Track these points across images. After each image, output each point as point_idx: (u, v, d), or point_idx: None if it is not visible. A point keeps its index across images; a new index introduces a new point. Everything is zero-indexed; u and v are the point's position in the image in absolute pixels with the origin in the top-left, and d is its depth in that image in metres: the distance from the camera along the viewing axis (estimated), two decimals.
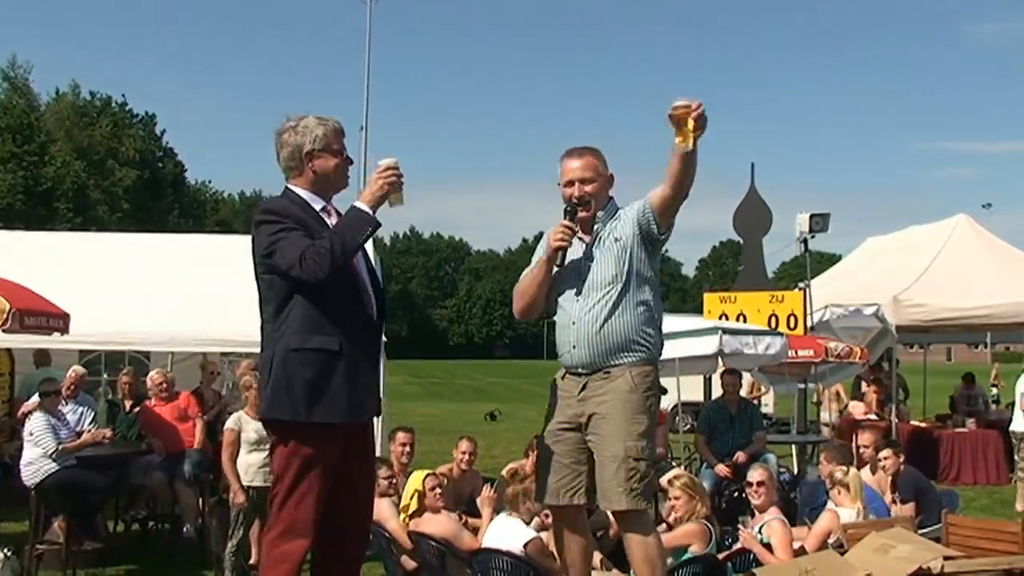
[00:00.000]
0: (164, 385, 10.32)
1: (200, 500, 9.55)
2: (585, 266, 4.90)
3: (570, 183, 4.91)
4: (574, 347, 4.85)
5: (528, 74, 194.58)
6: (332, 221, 4.56)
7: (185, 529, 9.48)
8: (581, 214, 4.89)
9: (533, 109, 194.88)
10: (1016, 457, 13.23)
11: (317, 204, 4.59)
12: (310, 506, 4.44)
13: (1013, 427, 13.31)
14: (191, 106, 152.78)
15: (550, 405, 5.05)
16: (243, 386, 8.23)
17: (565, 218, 4.84)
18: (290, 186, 4.65)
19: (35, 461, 8.63)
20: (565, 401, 4.92)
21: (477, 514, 7.55)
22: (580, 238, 4.94)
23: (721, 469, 10.07)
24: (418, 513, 6.92)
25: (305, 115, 4.65)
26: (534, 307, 5.04)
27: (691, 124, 4.45)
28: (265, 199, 4.63)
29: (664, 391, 9.77)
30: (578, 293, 4.88)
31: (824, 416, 16.71)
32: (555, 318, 5.01)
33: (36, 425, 8.79)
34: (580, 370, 4.87)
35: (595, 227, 4.96)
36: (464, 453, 8.65)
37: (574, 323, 4.85)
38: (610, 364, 4.82)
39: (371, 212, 4.40)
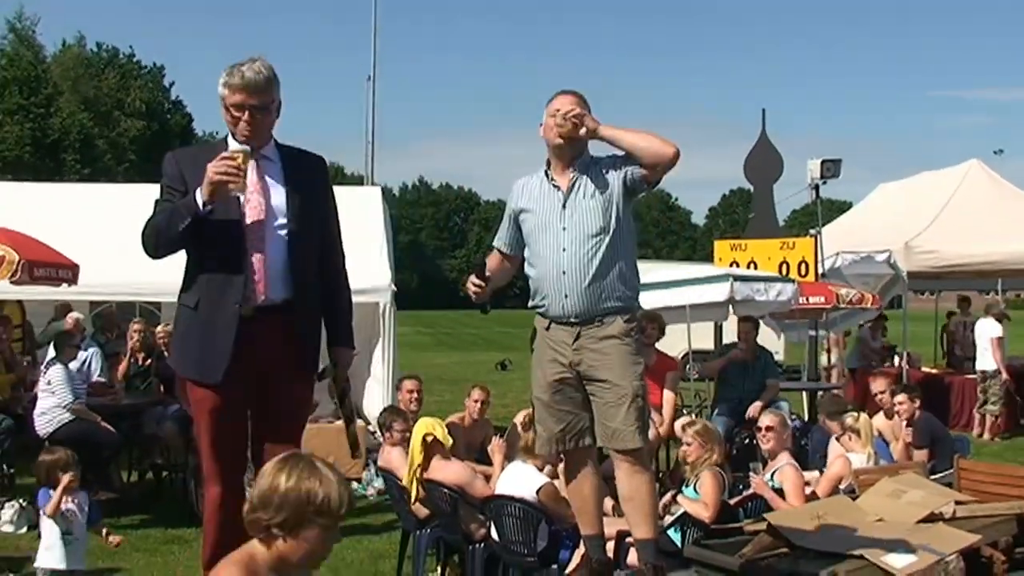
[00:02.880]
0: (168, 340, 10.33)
1: None
2: (567, 216, 4.87)
3: (555, 113, 4.84)
4: (566, 296, 4.83)
5: (538, 22, 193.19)
6: (249, 169, 4.42)
7: None
8: (557, 141, 4.88)
9: (543, 58, 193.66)
10: (979, 394, 14.62)
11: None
12: (208, 453, 4.59)
13: (979, 366, 14.76)
14: (199, 57, 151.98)
15: (537, 358, 5.06)
16: None
17: (474, 273, 5.06)
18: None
19: (49, 411, 8.68)
20: (557, 351, 4.92)
21: (488, 463, 7.57)
22: (556, 186, 4.93)
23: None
24: (423, 466, 6.88)
25: (241, 62, 4.48)
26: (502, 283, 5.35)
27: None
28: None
29: (662, 334, 9.79)
30: (564, 243, 4.85)
31: (824, 361, 16.73)
32: (533, 265, 5.01)
33: (55, 375, 8.82)
34: (572, 319, 4.87)
35: (571, 176, 4.91)
36: (476, 401, 8.65)
37: (564, 272, 4.83)
38: (602, 312, 4.84)
39: (200, 204, 4.32)
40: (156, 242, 4.47)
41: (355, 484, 10.45)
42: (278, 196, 4.54)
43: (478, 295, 5.00)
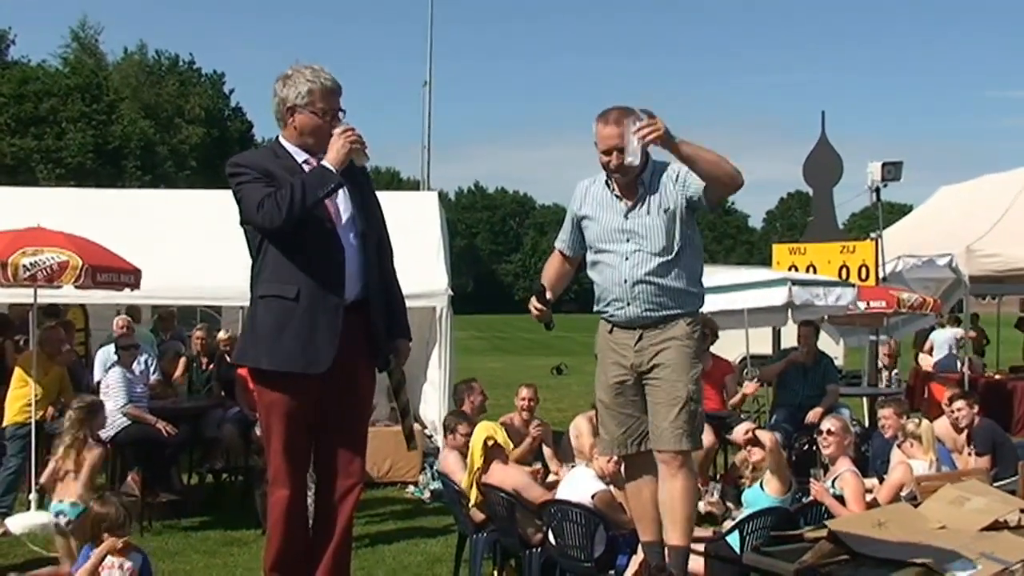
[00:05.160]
0: (230, 345, 10.57)
1: None
2: (630, 227, 4.93)
3: (608, 151, 4.86)
4: (628, 305, 4.91)
5: (592, 23, 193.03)
6: (310, 172, 4.60)
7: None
8: (618, 177, 4.94)
9: (597, 60, 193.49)
10: None
11: (300, 156, 4.65)
12: (279, 455, 4.60)
13: None
14: (257, 65, 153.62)
15: (600, 361, 5.12)
16: None
17: (535, 298, 5.05)
18: (280, 137, 4.75)
19: (110, 415, 8.79)
20: (620, 353, 4.99)
21: (542, 462, 7.58)
22: (618, 196, 4.99)
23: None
24: (483, 470, 6.88)
25: (307, 66, 4.64)
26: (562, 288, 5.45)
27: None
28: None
29: (716, 337, 9.70)
30: (627, 253, 4.92)
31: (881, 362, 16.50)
32: (596, 272, 5.08)
33: (112, 379, 8.96)
34: (635, 326, 4.94)
35: (639, 190, 4.96)
36: (524, 399, 8.66)
37: (626, 281, 4.90)
38: (665, 318, 4.91)
39: (334, 171, 4.46)
40: (291, 208, 4.38)
41: (411, 487, 10.49)
42: (344, 199, 4.66)
43: (540, 317, 5.06)
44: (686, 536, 4.91)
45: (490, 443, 6.84)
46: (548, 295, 5.11)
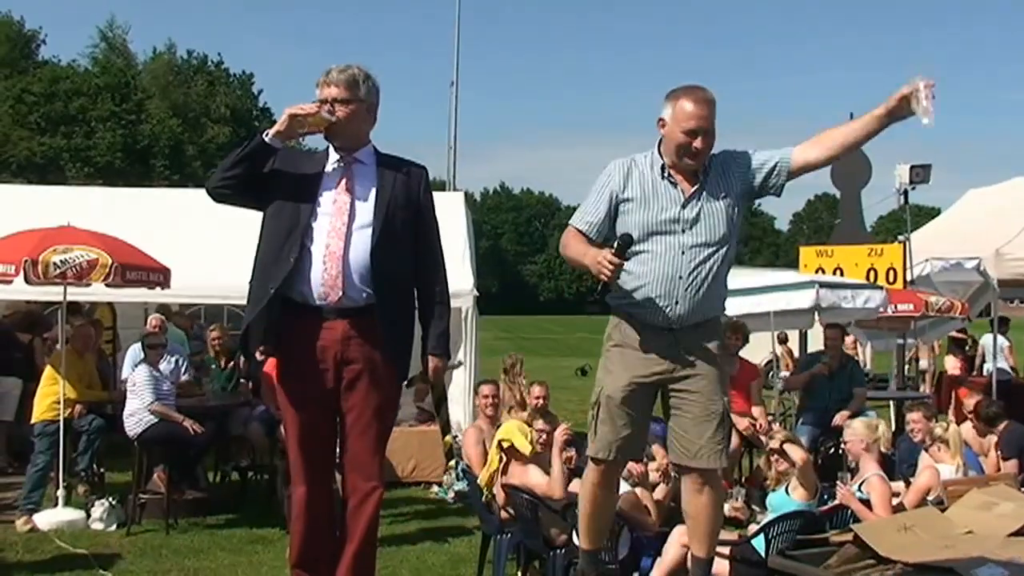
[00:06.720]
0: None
1: None
2: (688, 217, 4.51)
3: (694, 132, 4.43)
4: (676, 303, 4.48)
5: (614, 22, 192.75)
6: (331, 169, 4.69)
7: None
8: (688, 162, 4.52)
9: (623, 60, 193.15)
10: None
11: (333, 155, 4.72)
12: (294, 453, 4.68)
13: None
14: (286, 65, 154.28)
15: (620, 356, 4.67)
16: None
17: (615, 250, 4.33)
18: None
19: (136, 412, 8.84)
20: (646, 355, 4.59)
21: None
22: (673, 182, 4.55)
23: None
24: (504, 470, 6.87)
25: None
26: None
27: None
28: None
29: (747, 341, 9.66)
30: (683, 247, 4.49)
31: (923, 365, 16.40)
32: (638, 263, 4.52)
33: (139, 377, 9.00)
34: (673, 326, 4.54)
35: (699, 178, 4.55)
36: (537, 399, 8.63)
37: (681, 278, 4.47)
38: (702, 320, 4.58)
39: (261, 135, 4.62)
40: (216, 172, 4.74)
41: (435, 488, 10.51)
42: (365, 198, 4.63)
43: (610, 278, 4.35)
44: (710, 549, 4.76)
45: (505, 445, 6.83)
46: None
